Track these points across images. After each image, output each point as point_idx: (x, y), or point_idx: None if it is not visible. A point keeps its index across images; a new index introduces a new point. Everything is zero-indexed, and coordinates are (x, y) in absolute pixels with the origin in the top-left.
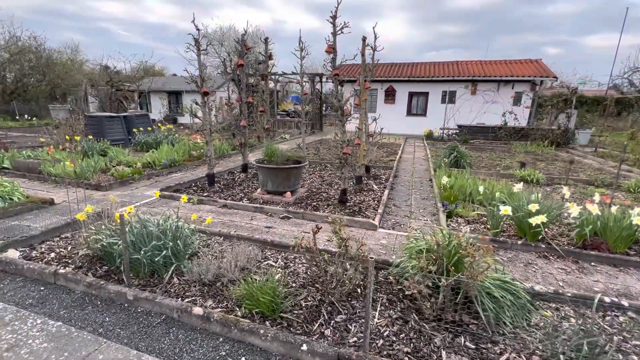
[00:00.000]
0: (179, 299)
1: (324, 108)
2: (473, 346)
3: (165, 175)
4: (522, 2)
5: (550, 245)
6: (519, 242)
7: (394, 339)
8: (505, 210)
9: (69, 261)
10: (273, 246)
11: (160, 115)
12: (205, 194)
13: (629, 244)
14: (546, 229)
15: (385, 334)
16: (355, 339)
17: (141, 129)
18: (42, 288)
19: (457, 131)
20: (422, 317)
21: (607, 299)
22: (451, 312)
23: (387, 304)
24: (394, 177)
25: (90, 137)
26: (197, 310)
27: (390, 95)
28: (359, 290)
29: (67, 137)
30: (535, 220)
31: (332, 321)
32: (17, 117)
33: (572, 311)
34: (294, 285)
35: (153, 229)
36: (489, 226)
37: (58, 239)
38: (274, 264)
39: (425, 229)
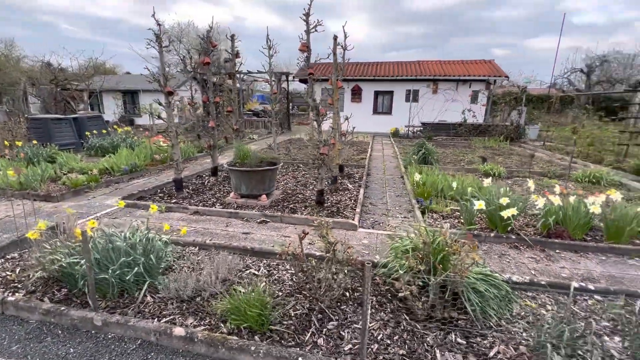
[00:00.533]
0: (156, 320)
1: (291, 107)
2: (464, 342)
3: (126, 182)
4: (473, 6)
5: (519, 236)
6: (492, 234)
7: (389, 342)
8: (480, 204)
9: (19, 286)
10: (254, 253)
11: (114, 116)
12: (174, 201)
13: (586, 231)
14: (514, 221)
15: (379, 338)
16: (350, 346)
17: (94, 131)
18: None
19: (421, 128)
20: (413, 317)
21: (575, 284)
22: (440, 309)
23: (377, 306)
24: (367, 175)
25: (35, 142)
26: (178, 330)
27: (356, 94)
28: (347, 294)
29: (6, 142)
30: (507, 213)
31: (324, 329)
32: None
33: (547, 298)
34: (280, 294)
35: (121, 244)
36: (462, 221)
37: (2, 260)
38: (256, 272)
39: (407, 227)
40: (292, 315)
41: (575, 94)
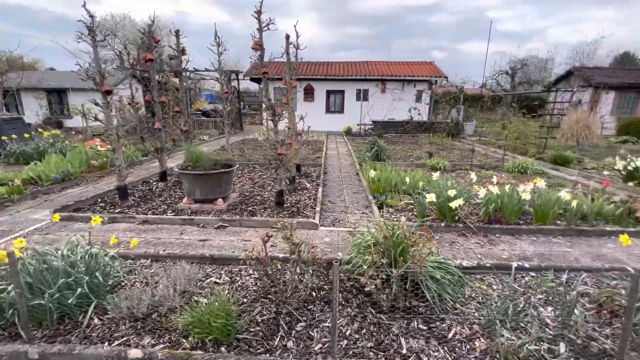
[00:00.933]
0: (107, 344)
1: (242, 107)
2: (425, 327)
3: (58, 192)
4: (414, 11)
5: (465, 224)
6: (442, 224)
7: (357, 336)
8: (431, 197)
9: None
10: (214, 261)
11: (38, 118)
12: (118, 210)
13: (519, 216)
14: (461, 210)
15: (347, 333)
16: (320, 345)
17: (14, 136)
18: None
19: (372, 126)
20: (378, 309)
21: (515, 264)
22: (403, 299)
23: (343, 302)
24: (324, 174)
25: None
26: (134, 352)
27: (309, 94)
28: (314, 293)
29: None
30: (454, 204)
31: (293, 331)
32: None
33: (493, 279)
34: (245, 300)
35: (58, 263)
36: (416, 213)
37: None
38: (218, 280)
39: (367, 223)
40: (259, 321)
41: (503, 93)
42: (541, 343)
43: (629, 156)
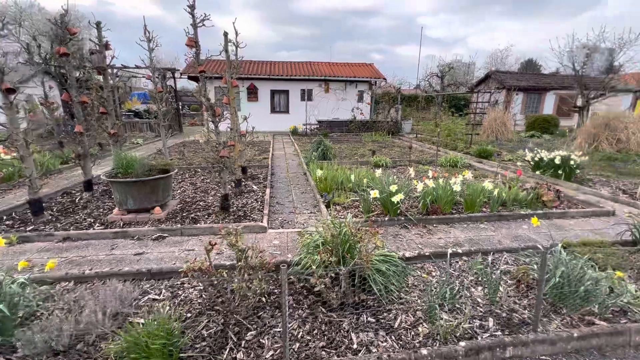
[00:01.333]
0: None
1: (181, 107)
2: (374, 320)
3: None
4: (353, 14)
5: (407, 217)
6: (386, 218)
7: (309, 337)
8: (375, 193)
9: None
10: (152, 276)
11: None
12: (31, 228)
13: (452, 206)
14: (402, 204)
15: (299, 336)
16: (271, 352)
17: None
18: None
19: (318, 126)
20: (329, 308)
21: (450, 251)
22: (352, 295)
23: (294, 304)
24: (271, 175)
25: None
26: None
27: (252, 93)
28: (264, 299)
29: None
30: (396, 198)
31: (243, 341)
32: None
33: (432, 266)
34: (189, 315)
35: None
36: (362, 209)
37: None
38: (157, 297)
39: (315, 222)
40: (206, 335)
41: (434, 94)
42: (474, 320)
43: (535, 149)
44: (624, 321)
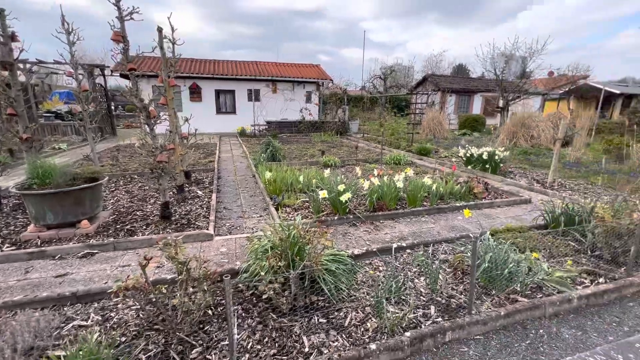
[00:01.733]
0: None
1: (114, 107)
2: (325, 320)
3: None
4: (298, 15)
5: (355, 215)
6: (335, 217)
7: (259, 347)
8: (324, 194)
9: None
10: (77, 299)
11: None
12: None
13: (396, 201)
14: (350, 203)
15: (249, 347)
16: None
17: None
18: None
19: (267, 127)
20: (280, 313)
21: (395, 245)
22: (302, 297)
23: (243, 314)
24: (218, 179)
25: None
26: None
27: (195, 93)
28: (210, 311)
29: None
30: (344, 197)
31: None
32: None
33: (379, 262)
34: (124, 339)
35: None
36: (312, 210)
37: None
38: (85, 322)
39: (264, 226)
40: (144, 359)
41: (378, 95)
42: (418, 310)
43: (467, 146)
44: (539, 296)
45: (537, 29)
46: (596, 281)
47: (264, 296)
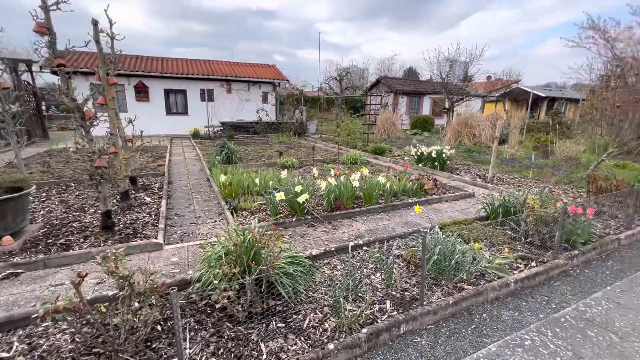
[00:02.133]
0: None
1: (46, 107)
2: (283, 324)
3: None
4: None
5: (313, 215)
6: (293, 219)
7: (214, 359)
8: (281, 195)
9: None
10: None
11: None
12: None
13: (353, 200)
14: (308, 204)
15: None
16: None
17: None
18: None
19: (222, 128)
20: (236, 322)
21: (352, 244)
22: (259, 303)
23: (196, 326)
24: (169, 183)
25: None
26: None
27: (142, 92)
28: (159, 327)
29: None
30: (301, 199)
31: None
32: None
33: (337, 261)
34: None
35: None
36: (269, 212)
37: None
38: (6, 354)
39: (217, 231)
40: None
41: (335, 96)
42: (374, 306)
43: (418, 145)
44: (482, 282)
45: (476, 37)
46: (529, 265)
47: (218, 305)
